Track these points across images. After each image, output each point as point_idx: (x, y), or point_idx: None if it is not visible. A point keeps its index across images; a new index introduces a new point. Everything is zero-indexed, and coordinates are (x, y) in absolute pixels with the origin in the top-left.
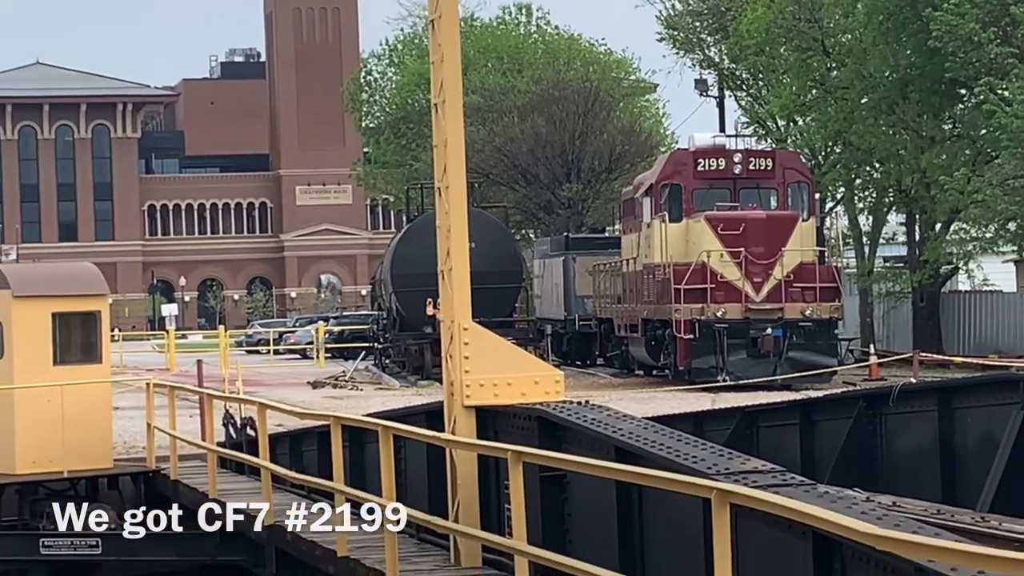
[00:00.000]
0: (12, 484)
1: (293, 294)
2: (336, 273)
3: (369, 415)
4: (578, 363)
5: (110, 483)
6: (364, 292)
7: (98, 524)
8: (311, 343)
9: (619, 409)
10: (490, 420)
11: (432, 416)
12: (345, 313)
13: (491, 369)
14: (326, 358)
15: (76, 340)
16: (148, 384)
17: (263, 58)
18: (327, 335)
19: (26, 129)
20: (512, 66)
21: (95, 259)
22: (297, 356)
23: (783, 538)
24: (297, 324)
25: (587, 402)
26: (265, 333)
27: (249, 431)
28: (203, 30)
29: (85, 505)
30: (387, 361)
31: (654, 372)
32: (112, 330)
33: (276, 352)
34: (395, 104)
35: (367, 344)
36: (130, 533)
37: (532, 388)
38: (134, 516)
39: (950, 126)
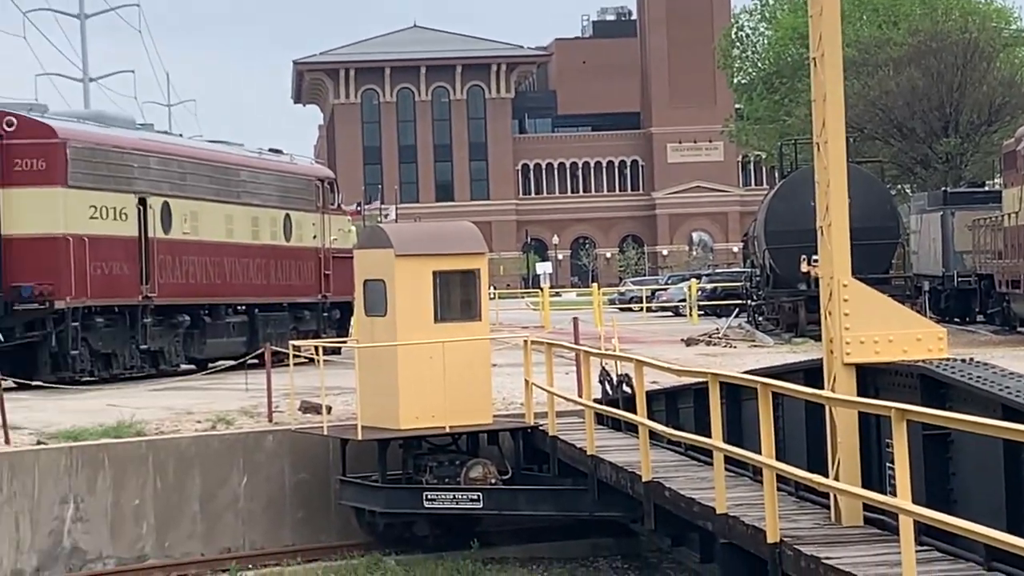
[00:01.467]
0: (396, 439)
1: (664, 251)
2: (707, 230)
3: (746, 372)
4: (956, 320)
5: (490, 438)
6: (736, 249)
7: (479, 479)
8: (683, 300)
9: (1004, 367)
10: (870, 377)
11: (810, 374)
12: (717, 270)
13: (871, 326)
14: (698, 315)
15: (456, 298)
16: (526, 341)
17: (634, 16)
18: (699, 292)
19: (404, 91)
20: (887, 18)
21: (470, 218)
22: (669, 313)
23: None
24: (669, 281)
25: (971, 359)
26: (637, 291)
27: (625, 388)
28: None
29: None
30: (760, 318)
31: None
32: (488, 288)
33: (648, 310)
34: (768, 59)
35: (740, 301)
36: (511, 487)
37: (914, 345)
38: (513, 471)
39: None
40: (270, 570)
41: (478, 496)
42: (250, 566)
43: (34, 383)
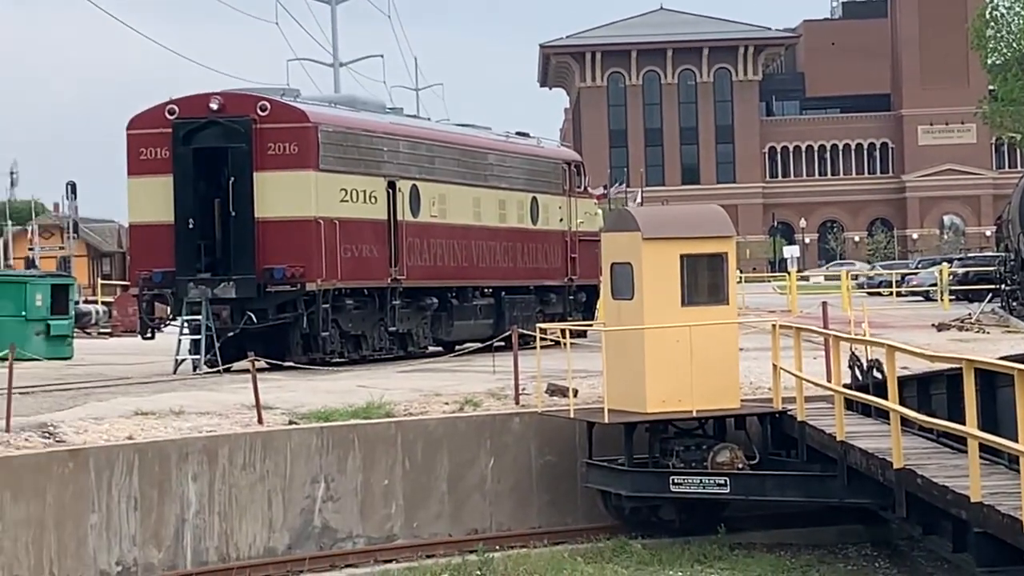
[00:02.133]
0: (643, 422)
1: (915, 235)
2: (959, 214)
3: (1002, 358)
4: None
5: (737, 423)
6: (988, 233)
7: (726, 463)
8: (934, 285)
9: None
10: None
11: None
12: (969, 254)
13: None
14: (950, 300)
15: (704, 281)
16: (774, 326)
17: None
18: (951, 277)
19: (650, 74)
20: None
21: (716, 201)
22: (919, 298)
23: None
24: (919, 266)
25: None
26: (886, 275)
27: (875, 373)
28: None
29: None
30: (1014, 303)
31: None
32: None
33: (898, 294)
34: None
35: (993, 286)
36: (758, 472)
37: None
38: (760, 456)
39: None
40: (516, 552)
41: (725, 481)
42: (497, 547)
43: (286, 364)
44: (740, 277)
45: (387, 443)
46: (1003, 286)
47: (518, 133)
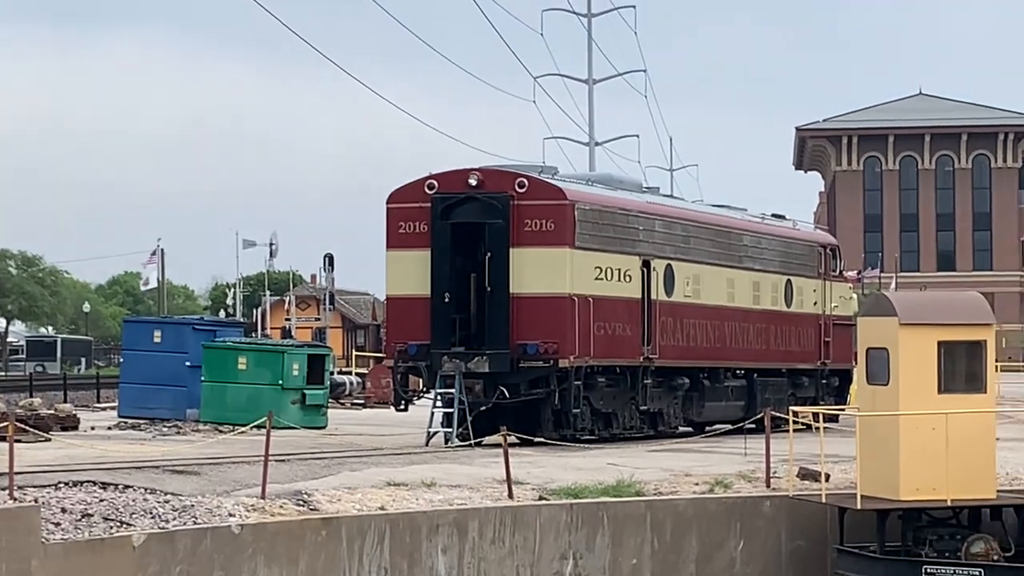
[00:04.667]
0: (896, 509)
1: None
2: None
3: None
4: None
5: (992, 514)
6: None
7: (981, 554)
8: None
9: None
10: None
11: None
12: None
13: None
14: None
15: (961, 368)
16: None
17: None
18: None
19: (907, 159)
20: None
21: (973, 288)
22: None
23: None
24: None
25: None
26: None
27: None
28: None
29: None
30: None
31: None
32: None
33: None
34: None
35: None
36: (1014, 565)
37: None
38: (1017, 548)
39: None
40: None
41: (980, 572)
42: None
43: (537, 439)
44: (997, 366)
45: (636, 522)
46: None
47: (773, 215)
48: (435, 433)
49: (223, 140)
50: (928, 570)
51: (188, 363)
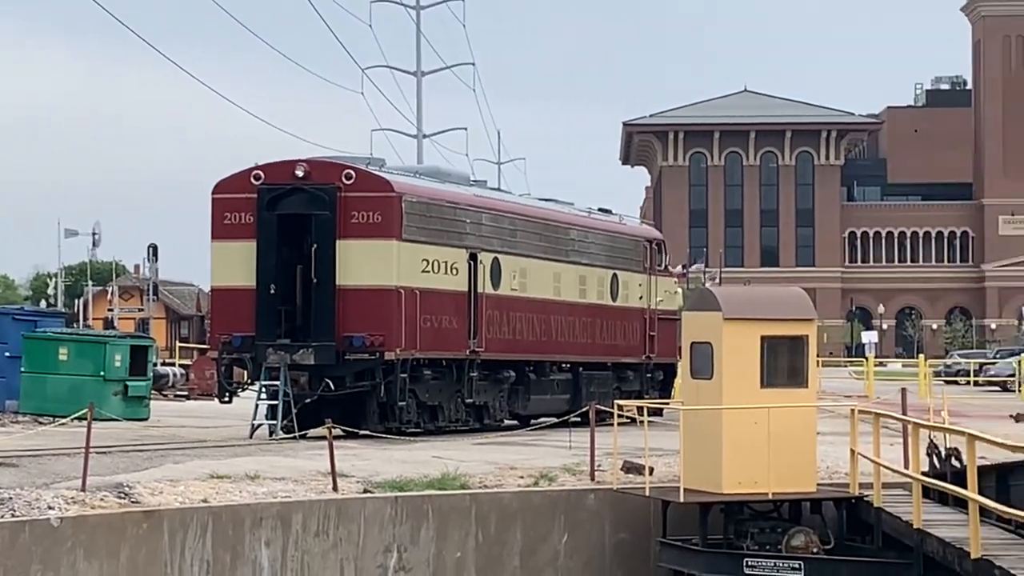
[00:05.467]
0: (718, 503)
1: (993, 325)
2: None
3: None
4: None
5: (813, 507)
6: None
7: (801, 547)
8: (1011, 376)
9: None
10: None
11: None
12: None
13: None
14: None
15: (783, 363)
16: (852, 410)
17: (969, 86)
18: None
19: (732, 155)
20: None
21: (795, 284)
22: (996, 388)
23: None
24: (997, 356)
25: None
26: (964, 364)
27: (954, 462)
28: (909, 58)
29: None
30: None
31: None
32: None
33: (975, 383)
34: None
35: None
36: (833, 558)
37: None
38: (836, 541)
39: None
40: None
41: (799, 565)
42: None
43: (362, 432)
44: (819, 361)
45: (461, 515)
46: None
47: (600, 209)
48: (259, 425)
49: (44, 128)
50: (749, 563)
51: (7, 354)
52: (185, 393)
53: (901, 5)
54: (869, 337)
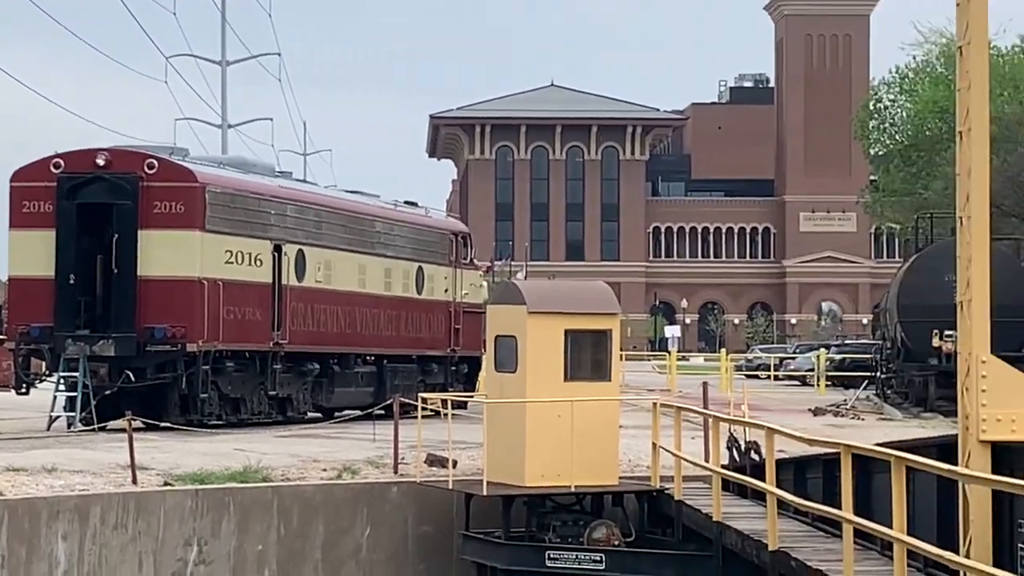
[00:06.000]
0: (521, 496)
1: (793, 320)
2: (837, 301)
3: (878, 445)
4: None
5: (615, 500)
6: (865, 321)
7: (602, 540)
8: (811, 370)
9: None
10: (1006, 456)
11: (943, 449)
12: (846, 341)
13: (1009, 404)
14: (826, 386)
15: (587, 357)
16: (654, 404)
17: (771, 84)
18: (827, 363)
19: (538, 149)
20: None
21: (600, 278)
22: (796, 383)
23: None
24: (797, 351)
25: None
26: (765, 358)
27: (753, 455)
28: (713, 55)
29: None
30: (889, 391)
31: None
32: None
33: (776, 378)
34: (906, 132)
35: (868, 374)
36: (634, 550)
37: None
38: (637, 533)
39: None
40: None
41: (601, 557)
42: None
43: (163, 424)
44: (622, 355)
45: (263, 508)
46: (878, 374)
47: (406, 202)
48: (57, 417)
49: None
50: (551, 555)
51: None
52: None
53: (708, 4)
54: (672, 331)
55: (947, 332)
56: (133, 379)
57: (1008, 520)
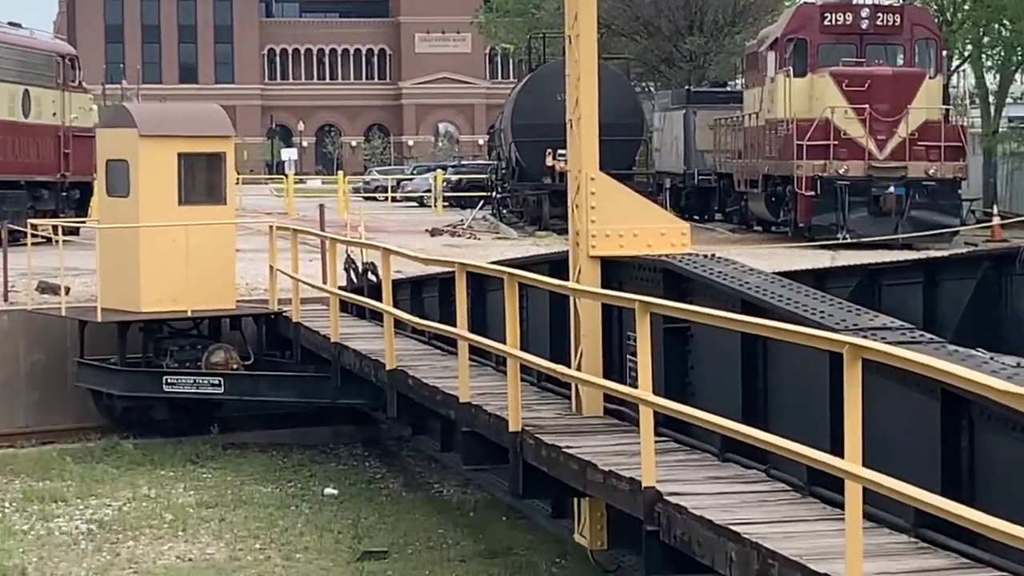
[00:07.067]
0: (137, 322)
1: (410, 142)
2: (454, 122)
3: (493, 263)
4: (696, 218)
5: (232, 323)
6: (481, 142)
7: (220, 364)
8: (428, 191)
9: (743, 263)
10: (614, 271)
11: (556, 266)
12: (462, 162)
13: (617, 220)
14: (443, 207)
15: (201, 181)
16: (271, 227)
17: None
18: (444, 184)
19: None
20: None
21: (215, 102)
22: (414, 204)
23: (910, 395)
24: (415, 172)
25: (714, 255)
26: (383, 180)
27: (370, 276)
28: None
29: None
30: (504, 211)
31: (773, 228)
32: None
33: (393, 199)
34: None
35: (484, 193)
36: (252, 373)
37: (658, 240)
38: (256, 357)
39: None
40: (3, 452)
41: (219, 381)
42: None
43: None
44: (238, 179)
45: None
46: (494, 194)
47: (9, 23)
48: None
49: None
50: (168, 380)
51: None
52: None
53: None
54: (289, 154)
55: (560, 151)
56: None
57: (617, 333)
